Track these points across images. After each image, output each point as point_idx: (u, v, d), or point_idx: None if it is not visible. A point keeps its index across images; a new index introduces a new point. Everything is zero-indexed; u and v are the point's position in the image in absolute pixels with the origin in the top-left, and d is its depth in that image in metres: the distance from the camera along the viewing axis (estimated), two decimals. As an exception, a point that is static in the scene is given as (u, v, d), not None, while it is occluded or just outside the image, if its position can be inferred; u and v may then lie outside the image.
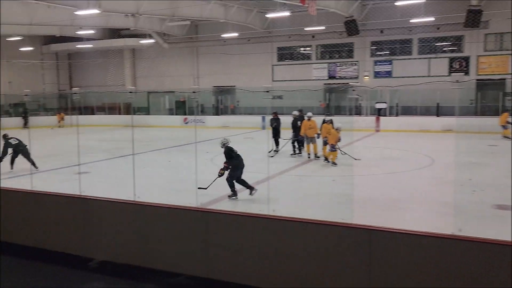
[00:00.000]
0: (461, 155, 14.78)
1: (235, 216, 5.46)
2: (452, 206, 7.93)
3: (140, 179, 6.39)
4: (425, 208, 8.80)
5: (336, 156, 13.31)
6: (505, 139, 18.51)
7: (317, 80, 28.89)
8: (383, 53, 27.66)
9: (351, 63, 28.39)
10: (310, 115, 14.91)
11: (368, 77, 27.73)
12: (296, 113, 15.74)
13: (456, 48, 25.85)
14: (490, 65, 25.03)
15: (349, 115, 25.76)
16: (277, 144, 15.86)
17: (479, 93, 25.21)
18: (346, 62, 28.55)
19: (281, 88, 27.72)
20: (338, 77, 28.77)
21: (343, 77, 28.58)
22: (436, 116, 23.80)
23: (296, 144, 15.33)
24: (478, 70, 25.29)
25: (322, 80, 28.98)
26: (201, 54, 32.97)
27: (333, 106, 27.90)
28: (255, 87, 23.45)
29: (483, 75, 25.18)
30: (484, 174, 11.92)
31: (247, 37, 29.54)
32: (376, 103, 25.75)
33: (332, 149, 13.19)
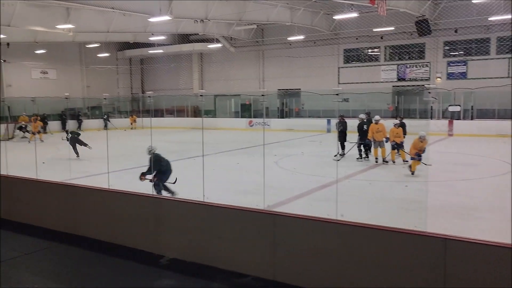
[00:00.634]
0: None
1: (303, 220, 5.41)
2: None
3: (208, 180, 6.52)
4: (502, 218, 8.21)
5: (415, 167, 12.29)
6: None
7: (385, 82, 28.05)
8: (457, 54, 26.29)
9: (422, 65, 27.26)
10: (378, 118, 14.51)
11: (441, 79, 26.46)
12: (363, 116, 15.38)
13: (540, 47, 24.02)
14: None
15: (419, 119, 24.73)
16: (343, 148, 15.58)
17: None
18: (417, 64, 27.46)
19: (347, 91, 27.22)
20: (408, 79, 27.74)
21: (414, 79, 27.51)
22: (515, 120, 22.23)
23: (363, 148, 14.97)
24: None
25: (391, 82, 28.09)
26: (267, 58, 33.20)
27: (402, 109, 26.92)
28: (322, 90, 23.20)
29: None
30: None
31: (313, 40, 29.35)
32: (449, 106, 24.53)
33: (418, 158, 12.01)
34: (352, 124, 15.55)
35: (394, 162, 14.10)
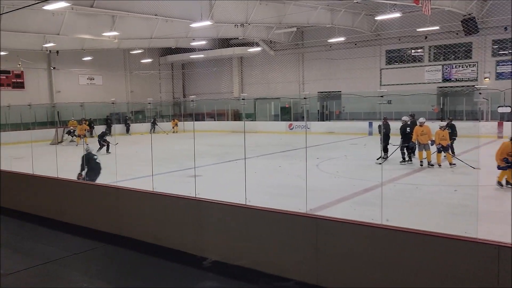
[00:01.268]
0: None
1: (347, 224, 5.31)
2: None
3: (250, 183, 6.53)
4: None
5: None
6: None
7: (430, 84, 27.23)
8: (507, 52, 25.16)
9: (469, 65, 26.29)
10: (423, 121, 14.10)
11: (489, 79, 25.43)
12: (406, 119, 14.99)
13: None
14: None
15: (467, 120, 23.82)
16: (386, 151, 15.23)
17: None
18: (463, 64, 26.51)
19: (390, 92, 26.61)
20: (454, 80, 26.82)
21: (460, 80, 26.57)
22: None
23: (406, 151, 14.59)
24: None
25: (435, 83, 27.25)
26: (307, 60, 33.04)
27: (448, 111, 26.04)
28: (364, 92, 22.78)
29: None
30: None
31: (354, 41, 28.94)
32: (499, 107, 23.48)
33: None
34: (395, 126, 15.19)
35: (440, 166, 13.65)
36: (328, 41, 28.41)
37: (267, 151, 18.74)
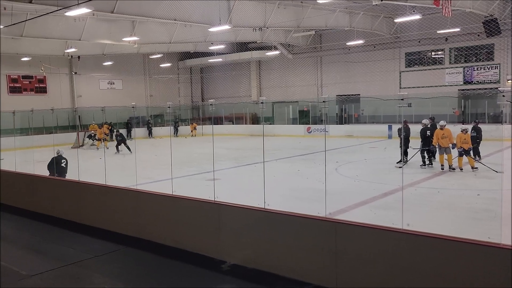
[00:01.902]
0: None
1: (366, 229, 5.26)
2: None
3: (269, 187, 6.53)
4: None
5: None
6: None
7: (450, 86, 26.82)
8: (531, 54, 24.64)
9: (491, 67, 25.81)
10: (443, 124, 13.90)
11: (512, 81, 24.93)
12: (426, 122, 14.81)
13: None
14: None
15: (489, 123, 23.36)
16: (406, 155, 15.04)
17: None
18: (485, 66, 26.04)
19: (410, 95, 26.24)
20: (476, 82, 26.36)
21: (482, 82, 26.10)
22: None
23: (426, 155, 14.39)
24: None
25: (456, 86, 26.82)
26: (325, 63, 32.89)
27: (469, 114, 25.60)
28: (383, 95, 22.55)
29: None
30: None
31: (373, 44, 28.71)
32: (522, 110, 22.97)
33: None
34: (415, 130, 15.01)
35: (462, 170, 13.42)
36: (347, 44, 28.24)
37: (286, 155, 18.70)
